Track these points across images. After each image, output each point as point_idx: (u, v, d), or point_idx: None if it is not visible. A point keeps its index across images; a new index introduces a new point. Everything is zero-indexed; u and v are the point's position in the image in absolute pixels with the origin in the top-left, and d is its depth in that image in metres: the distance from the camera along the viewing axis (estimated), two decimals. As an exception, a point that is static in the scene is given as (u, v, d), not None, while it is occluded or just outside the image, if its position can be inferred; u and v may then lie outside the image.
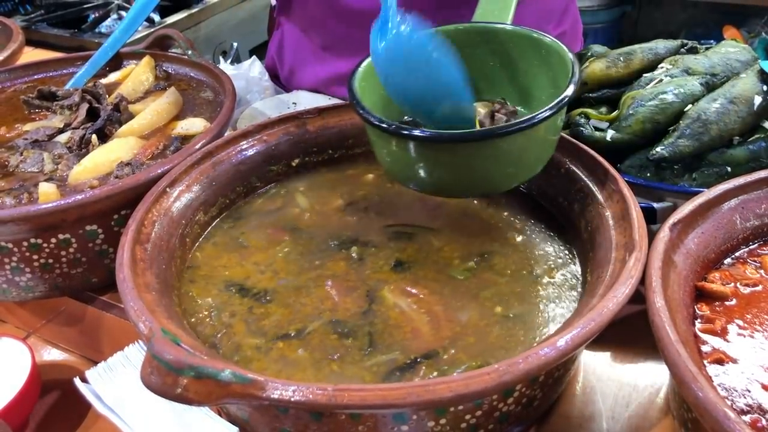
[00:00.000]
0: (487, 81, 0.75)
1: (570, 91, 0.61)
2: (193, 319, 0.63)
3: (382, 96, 0.69)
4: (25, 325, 0.84)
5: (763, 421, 0.47)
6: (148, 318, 0.52)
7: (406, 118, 0.73)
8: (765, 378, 0.50)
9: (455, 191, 0.69)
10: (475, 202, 0.76)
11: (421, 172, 0.65)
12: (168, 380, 0.44)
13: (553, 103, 0.60)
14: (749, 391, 0.50)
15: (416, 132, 0.61)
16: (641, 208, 0.62)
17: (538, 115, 0.59)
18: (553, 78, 0.68)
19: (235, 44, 2.09)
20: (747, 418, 0.48)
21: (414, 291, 0.64)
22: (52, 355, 0.81)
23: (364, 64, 0.70)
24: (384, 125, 0.61)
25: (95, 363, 0.64)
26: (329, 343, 0.59)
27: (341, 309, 0.63)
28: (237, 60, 2.05)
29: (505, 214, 0.74)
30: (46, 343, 0.82)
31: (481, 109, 0.72)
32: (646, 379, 0.65)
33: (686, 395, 0.44)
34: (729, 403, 0.49)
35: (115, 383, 0.61)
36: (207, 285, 0.67)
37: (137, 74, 1.02)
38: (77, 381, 0.61)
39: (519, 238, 0.70)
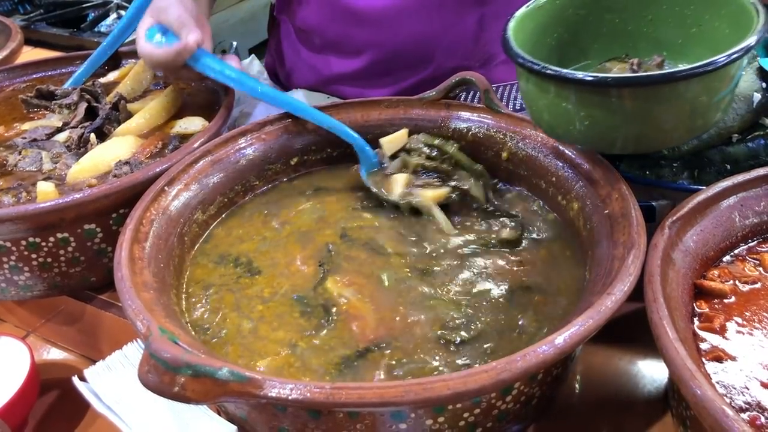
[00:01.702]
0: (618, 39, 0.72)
1: (755, 37, 0.56)
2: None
3: (534, 43, 0.68)
4: (24, 324, 0.84)
5: (762, 419, 0.47)
6: (146, 317, 0.52)
7: None
8: (764, 375, 0.50)
9: (621, 145, 0.63)
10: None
11: (591, 123, 0.61)
12: (165, 379, 0.44)
13: (737, 47, 0.55)
14: (748, 389, 0.50)
15: (609, 76, 0.57)
16: (640, 206, 0.62)
17: (719, 59, 0.55)
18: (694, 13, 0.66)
19: (235, 43, 2.09)
20: (745, 415, 0.48)
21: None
22: (51, 353, 0.81)
23: (516, 16, 0.68)
24: (573, 76, 0.58)
25: (94, 362, 0.64)
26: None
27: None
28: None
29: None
30: (45, 341, 0.82)
31: (614, 68, 0.69)
32: (645, 377, 0.65)
33: (685, 393, 0.44)
34: (728, 400, 0.49)
35: (113, 382, 0.61)
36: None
37: (136, 73, 1.02)
38: (76, 380, 0.60)
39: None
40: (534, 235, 0.71)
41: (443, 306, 0.62)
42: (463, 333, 0.59)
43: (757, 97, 0.73)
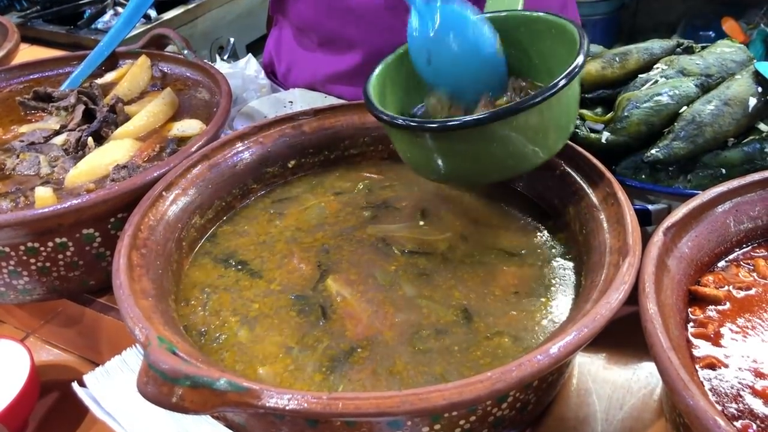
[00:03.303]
0: (514, 67, 0.75)
1: (579, 60, 0.62)
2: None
3: (395, 99, 0.73)
4: (23, 326, 0.85)
5: (754, 426, 0.48)
6: (144, 325, 0.53)
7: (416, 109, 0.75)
8: (757, 383, 0.51)
9: (482, 178, 0.71)
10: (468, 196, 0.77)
11: (442, 162, 0.66)
12: (164, 390, 0.44)
13: (564, 73, 0.60)
14: (741, 397, 0.50)
15: (450, 122, 0.62)
16: (636, 210, 0.62)
17: (548, 87, 0.60)
18: (569, 54, 0.68)
19: (232, 40, 2.09)
20: (738, 423, 0.48)
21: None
22: (51, 355, 0.81)
23: (378, 69, 0.74)
24: (414, 124, 0.64)
25: (94, 363, 0.64)
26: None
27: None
28: (234, 56, 2.05)
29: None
30: (45, 343, 0.83)
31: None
32: (640, 381, 0.65)
33: (677, 402, 0.45)
34: (720, 408, 0.49)
35: (112, 387, 0.61)
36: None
37: (133, 74, 1.02)
38: (76, 386, 0.61)
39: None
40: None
41: (433, 308, 0.63)
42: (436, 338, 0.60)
43: (753, 101, 0.73)
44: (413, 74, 0.73)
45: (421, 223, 0.74)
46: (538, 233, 0.72)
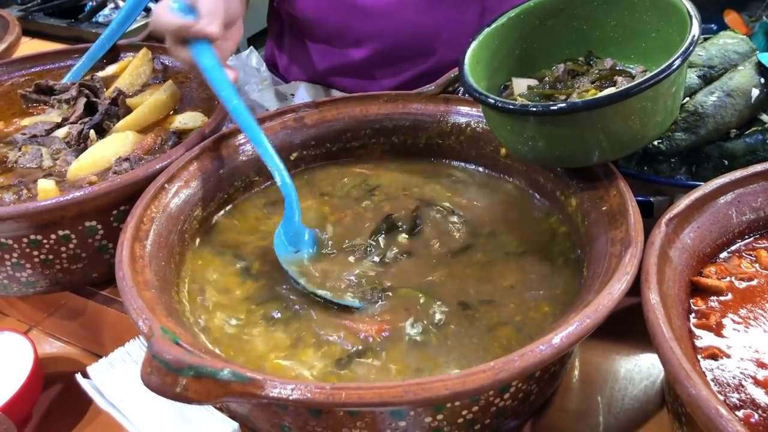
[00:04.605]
0: (582, 44, 0.75)
1: (694, 33, 0.60)
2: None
3: (489, 70, 0.73)
4: (26, 318, 0.85)
5: (756, 416, 0.48)
6: (148, 316, 0.53)
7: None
8: (758, 373, 0.51)
9: (583, 160, 0.68)
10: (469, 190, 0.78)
11: (547, 145, 0.65)
12: (168, 380, 0.44)
13: (679, 53, 0.59)
14: (743, 386, 0.50)
15: (555, 106, 0.60)
16: (638, 201, 0.62)
17: (662, 69, 0.58)
18: (652, 21, 0.68)
19: (233, 33, 2.07)
20: (740, 413, 0.48)
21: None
22: (54, 347, 0.82)
23: (467, 56, 0.71)
24: (522, 108, 0.62)
25: (97, 356, 0.64)
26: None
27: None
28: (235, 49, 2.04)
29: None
30: (48, 335, 0.83)
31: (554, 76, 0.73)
32: (642, 372, 0.65)
33: (679, 392, 0.45)
34: (722, 398, 0.49)
35: (116, 379, 0.61)
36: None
37: (135, 67, 1.01)
38: (79, 377, 0.61)
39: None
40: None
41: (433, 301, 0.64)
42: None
43: (756, 92, 0.73)
44: (498, 53, 0.74)
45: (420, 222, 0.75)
46: (541, 224, 0.72)
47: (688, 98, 0.74)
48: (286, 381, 0.46)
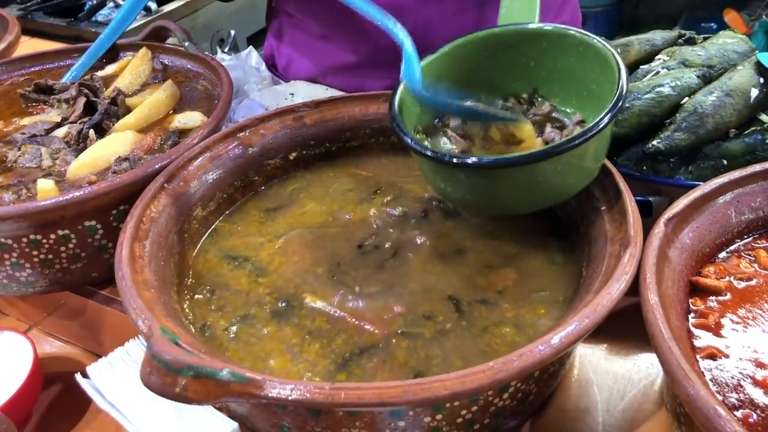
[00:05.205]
0: (531, 79, 0.75)
1: (622, 89, 0.61)
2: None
3: (416, 113, 0.72)
4: (26, 318, 0.85)
5: (754, 416, 0.48)
6: (147, 316, 0.53)
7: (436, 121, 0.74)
8: (757, 373, 0.51)
9: (516, 208, 0.69)
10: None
11: (475, 195, 0.67)
12: (167, 380, 0.44)
13: (607, 110, 0.60)
14: (741, 386, 0.50)
15: (469, 159, 0.61)
16: (637, 201, 0.62)
17: (594, 125, 0.59)
18: (598, 70, 0.68)
19: (233, 32, 2.08)
20: (738, 413, 0.48)
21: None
22: (54, 347, 0.82)
23: (398, 93, 0.71)
24: (439, 156, 0.62)
25: (97, 355, 0.64)
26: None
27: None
28: (234, 48, 2.04)
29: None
30: (48, 335, 0.83)
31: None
32: (641, 372, 0.65)
33: (678, 392, 0.45)
34: (721, 398, 0.49)
35: (115, 379, 0.61)
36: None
37: (134, 66, 1.02)
38: (79, 377, 0.61)
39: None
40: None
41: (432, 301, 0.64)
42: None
43: (755, 92, 0.73)
44: (443, 80, 0.74)
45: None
46: (539, 224, 0.72)
47: (687, 98, 0.74)
48: (285, 381, 0.46)
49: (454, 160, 0.61)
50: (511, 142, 0.69)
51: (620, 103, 0.60)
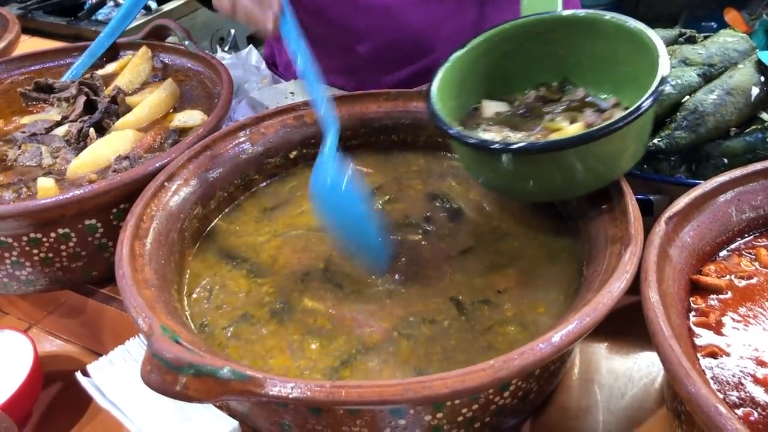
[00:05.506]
0: (556, 69, 0.75)
1: (664, 72, 0.60)
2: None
3: (456, 101, 0.72)
4: (26, 316, 0.85)
5: (755, 414, 0.48)
6: (148, 315, 0.53)
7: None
8: (758, 371, 0.51)
9: (546, 196, 0.70)
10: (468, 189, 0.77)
11: (515, 182, 0.67)
12: (168, 378, 0.44)
13: (650, 93, 0.59)
14: (742, 385, 0.50)
15: (515, 145, 0.61)
16: (638, 200, 0.62)
17: (636, 108, 0.58)
18: (627, 55, 0.68)
19: (233, 31, 2.08)
20: (739, 411, 0.48)
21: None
22: (54, 346, 0.82)
23: (434, 87, 0.71)
24: (486, 145, 0.62)
25: (97, 354, 0.64)
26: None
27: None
28: (234, 47, 2.04)
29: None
30: (48, 334, 0.83)
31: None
32: (642, 370, 0.65)
33: (679, 390, 0.45)
34: (721, 396, 0.49)
35: (116, 377, 0.61)
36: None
37: (134, 65, 1.01)
38: (79, 375, 0.61)
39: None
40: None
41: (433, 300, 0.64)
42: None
43: (756, 90, 0.73)
44: (472, 73, 0.74)
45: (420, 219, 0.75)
46: (540, 223, 0.72)
47: (688, 96, 0.74)
48: (285, 379, 0.46)
49: (513, 146, 0.61)
50: (548, 131, 0.68)
51: (664, 81, 0.60)
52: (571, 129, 0.65)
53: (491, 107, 0.73)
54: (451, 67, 0.73)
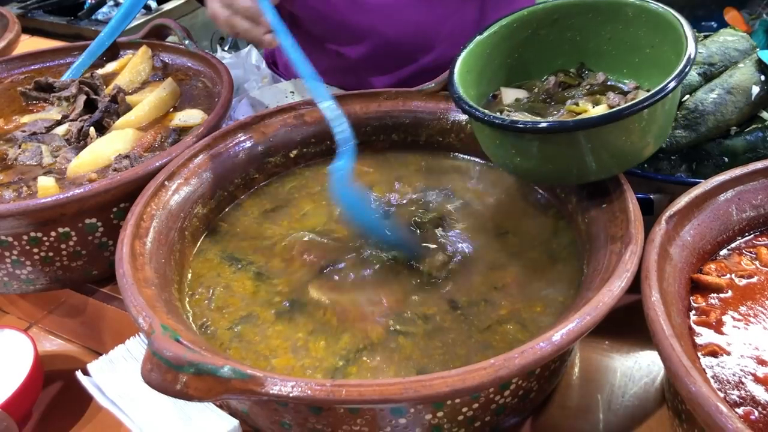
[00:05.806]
0: (573, 54, 0.74)
1: (690, 53, 0.59)
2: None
3: (476, 89, 0.71)
4: (27, 316, 0.85)
5: (756, 413, 0.48)
6: (148, 314, 0.53)
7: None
8: (758, 370, 0.51)
9: (572, 178, 0.67)
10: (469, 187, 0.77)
11: (538, 162, 0.65)
12: (168, 377, 0.44)
13: (675, 73, 0.58)
14: (743, 383, 0.50)
15: (542, 124, 0.60)
16: (638, 199, 0.62)
17: (662, 88, 0.57)
18: (648, 37, 0.67)
19: (233, 30, 2.07)
20: (740, 410, 0.48)
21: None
22: (55, 345, 0.82)
23: (456, 72, 0.70)
24: (518, 125, 0.61)
25: (97, 353, 0.64)
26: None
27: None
28: (234, 47, 2.04)
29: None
30: (48, 333, 0.83)
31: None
32: (642, 369, 0.65)
33: (680, 389, 0.45)
34: (722, 395, 0.49)
35: (116, 376, 0.61)
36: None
37: (134, 65, 1.01)
38: (80, 374, 0.61)
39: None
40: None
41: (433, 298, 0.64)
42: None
43: (756, 89, 0.73)
44: (490, 62, 0.74)
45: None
46: (541, 221, 0.72)
47: (688, 95, 0.74)
48: (286, 378, 0.46)
49: (545, 125, 0.60)
50: (572, 113, 0.67)
51: (691, 61, 0.59)
52: (596, 110, 0.65)
53: (510, 94, 0.73)
54: (471, 52, 0.72)
